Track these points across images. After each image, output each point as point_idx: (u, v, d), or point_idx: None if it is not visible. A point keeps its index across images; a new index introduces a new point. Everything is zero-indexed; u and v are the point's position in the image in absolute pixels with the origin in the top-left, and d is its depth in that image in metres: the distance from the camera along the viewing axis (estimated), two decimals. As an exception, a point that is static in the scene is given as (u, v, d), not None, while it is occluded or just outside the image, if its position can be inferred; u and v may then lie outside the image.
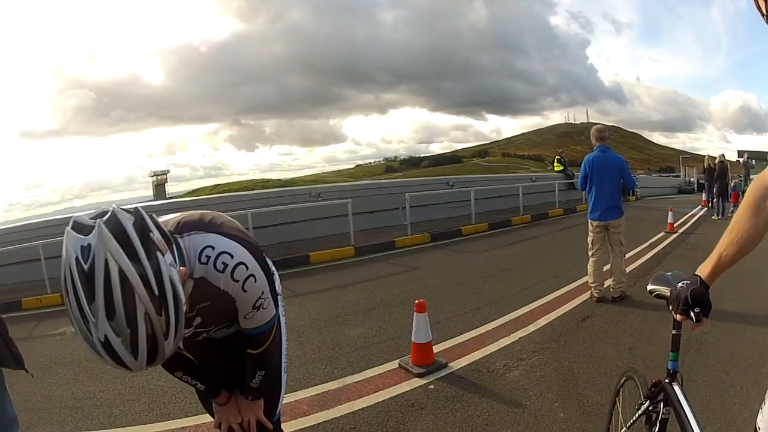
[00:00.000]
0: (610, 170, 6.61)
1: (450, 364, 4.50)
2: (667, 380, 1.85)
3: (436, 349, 4.67)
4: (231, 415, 2.04)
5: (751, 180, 15.85)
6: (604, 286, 6.54)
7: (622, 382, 2.49)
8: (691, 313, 1.60)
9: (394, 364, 4.57)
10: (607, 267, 6.65)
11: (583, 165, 6.87)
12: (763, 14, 1.13)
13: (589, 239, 6.77)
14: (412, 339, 4.47)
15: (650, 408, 1.97)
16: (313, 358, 5.00)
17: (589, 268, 6.60)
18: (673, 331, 1.83)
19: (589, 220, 6.83)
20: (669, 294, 1.75)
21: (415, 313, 4.43)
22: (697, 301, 1.60)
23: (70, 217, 1.23)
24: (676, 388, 1.79)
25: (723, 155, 17.37)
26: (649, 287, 1.90)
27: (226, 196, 13.20)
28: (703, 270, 1.64)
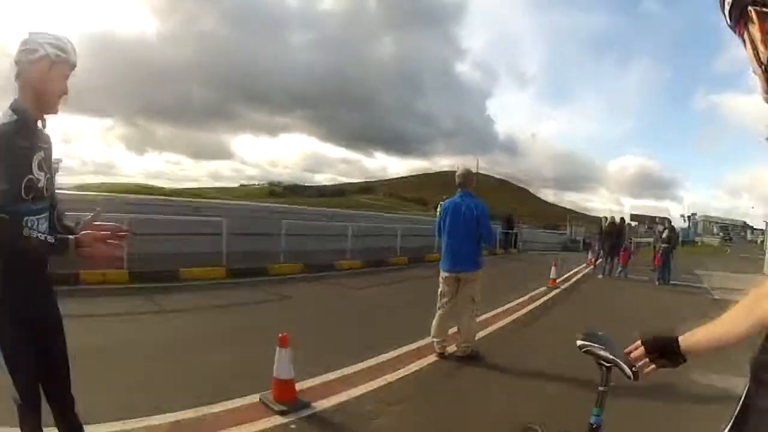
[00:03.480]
0: (466, 218, 6.09)
1: (314, 404, 4.24)
2: None
3: (300, 386, 4.40)
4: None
5: (661, 243, 16.68)
6: (450, 343, 6.21)
7: None
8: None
9: (254, 398, 4.25)
10: (453, 329, 6.32)
11: (440, 210, 6.50)
12: (761, 64, 1.05)
13: (439, 290, 6.32)
14: (274, 374, 4.18)
15: None
16: (173, 381, 4.61)
17: (434, 321, 6.17)
18: (600, 388, 1.87)
19: (440, 270, 6.37)
20: (601, 353, 1.83)
21: (278, 347, 4.16)
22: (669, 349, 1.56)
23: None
24: None
25: (623, 218, 18.63)
26: (579, 343, 1.93)
27: (110, 197, 12.33)
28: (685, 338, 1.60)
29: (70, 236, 2.11)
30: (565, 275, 15.70)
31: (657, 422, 4.52)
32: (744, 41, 1.10)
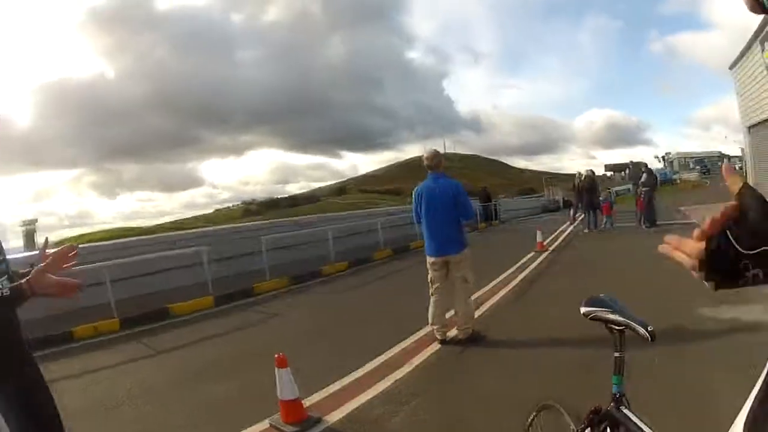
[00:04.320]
0: (443, 199, 5.98)
1: (324, 418, 4.14)
2: (612, 405, 1.78)
3: (307, 402, 4.31)
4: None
5: (642, 187, 16.51)
6: (450, 328, 6.15)
7: (534, 415, 2.42)
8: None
9: (265, 424, 4.14)
10: (450, 312, 6.24)
11: (413, 196, 6.32)
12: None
13: (429, 277, 6.22)
14: (279, 396, 4.06)
15: None
16: (181, 422, 4.49)
17: (429, 309, 6.07)
18: (616, 354, 1.77)
19: (426, 257, 6.27)
20: (610, 316, 1.74)
21: (276, 369, 4.04)
22: None
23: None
24: (626, 411, 1.72)
25: (591, 170, 18.51)
26: (584, 310, 1.85)
27: (86, 246, 12.04)
28: None
29: (21, 281, 2.00)
30: (552, 236, 15.77)
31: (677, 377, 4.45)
32: None
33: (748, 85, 20.24)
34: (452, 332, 6.14)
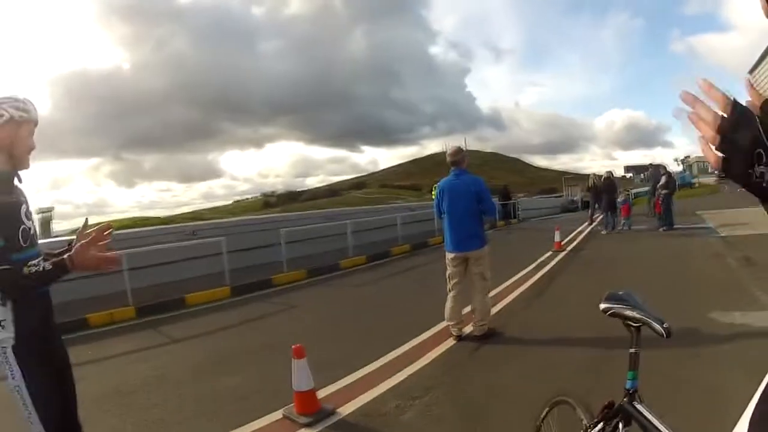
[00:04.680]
0: (465, 195, 6.02)
1: (338, 410, 4.15)
2: (626, 400, 1.80)
3: (321, 394, 4.30)
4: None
5: (661, 190, 16.54)
6: (466, 324, 6.14)
7: (548, 410, 2.43)
8: None
9: (278, 415, 4.15)
10: (467, 308, 6.20)
11: (436, 191, 6.38)
12: None
13: (447, 273, 6.24)
14: (293, 387, 4.07)
15: (605, 430, 1.90)
16: (194, 411, 4.51)
17: (447, 304, 6.09)
18: (631, 350, 1.79)
19: (445, 252, 6.29)
20: (627, 313, 1.76)
21: (293, 359, 4.04)
22: None
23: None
24: (640, 407, 1.74)
25: (610, 171, 18.42)
26: (603, 306, 1.87)
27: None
28: None
29: (64, 256, 2.13)
30: (569, 236, 15.65)
31: (690, 375, 4.41)
32: None
33: (766, 91, 19.91)
34: (468, 328, 6.12)
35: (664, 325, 1.66)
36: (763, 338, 5.13)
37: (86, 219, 2.41)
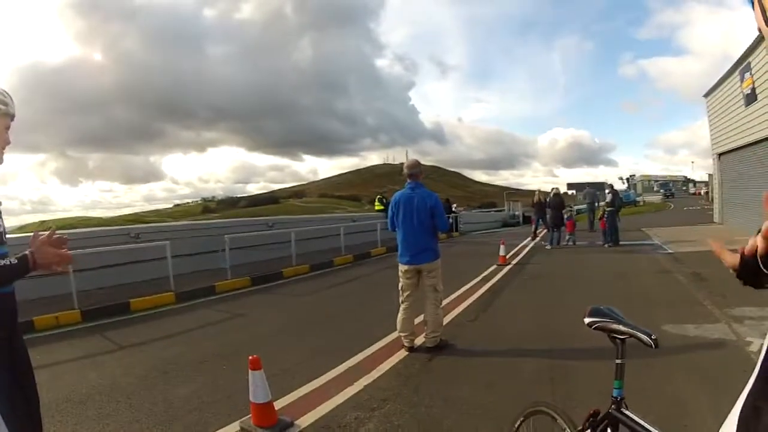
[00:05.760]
0: (420, 209, 6.08)
1: (296, 422, 4.10)
2: (613, 407, 1.90)
3: (277, 405, 4.23)
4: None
5: (598, 207, 17.50)
6: (418, 336, 6.20)
7: (522, 419, 2.45)
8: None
9: (235, 427, 4.08)
10: (420, 318, 6.27)
11: (390, 204, 6.40)
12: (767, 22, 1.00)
13: (399, 285, 6.26)
14: (251, 398, 3.99)
15: None
16: (147, 423, 4.35)
17: (399, 316, 6.13)
18: (618, 361, 1.91)
19: (399, 264, 6.29)
20: (614, 326, 1.89)
21: (250, 371, 3.96)
22: None
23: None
24: (628, 412, 1.84)
25: (557, 188, 19.06)
26: (588, 320, 1.98)
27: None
28: None
29: (26, 252, 2.11)
30: (513, 251, 15.94)
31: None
32: (752, 1, 1.05)
33: (721, 114, 20.91)
34: (420, 340, 6.19)
35: (652, 337, 1.80)
36: (714, 349, 5.47)
37: (54, 227, 2.38)
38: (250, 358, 4.00)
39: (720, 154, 22.07)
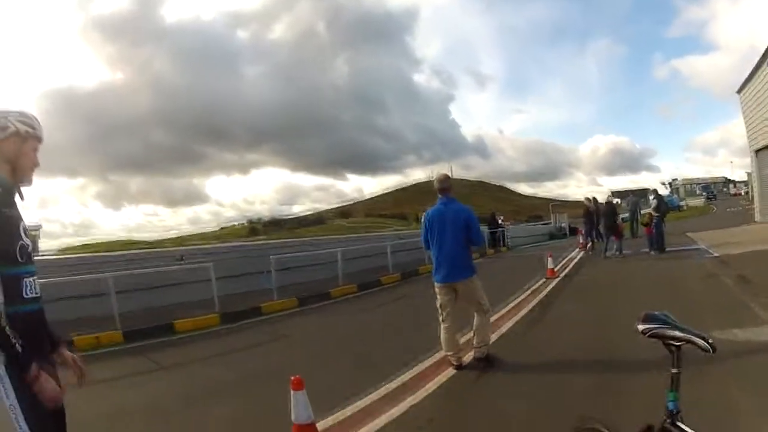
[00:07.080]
0: (453, 224, 5.83)
1: (339, 444, 3.96)
2: (668, 421, 1.77)
3: (320, 426, 4.10)
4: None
5: (642, 215, 17.30)
6: (465, 352, 5.98)
7: None
8: None
9: (277, 448, 3.96)
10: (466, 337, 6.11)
11: (423, 221, 6.17)
12: None
13: (438, 303, 6.01)
14: (293, 419, 3.87)
15: None
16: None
17: (441, 335, 5.88)
18: (673, 370, 1.76)
19: (434, 283, 6.06)
20: (669, 332, 1.74)
21: (292, 391, 3.84)
22: None
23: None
24: (684, 426, 1.72)
25: (611, 195, 18.73)
26: (642, 327, 1.83)
27: (92, 256, 11.88)
28: None
29: (33, 364, 2.05)
30: (561, 263, 15.58)
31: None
32: None
33: (756, 109, 20.18)
34: (467, 357, 5.96)
35: (709, 341, 1.65)
36: (764, 353, 5.18)
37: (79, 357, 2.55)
38: (293, 378, 3.88)
39: (757, 151, 21.28)
